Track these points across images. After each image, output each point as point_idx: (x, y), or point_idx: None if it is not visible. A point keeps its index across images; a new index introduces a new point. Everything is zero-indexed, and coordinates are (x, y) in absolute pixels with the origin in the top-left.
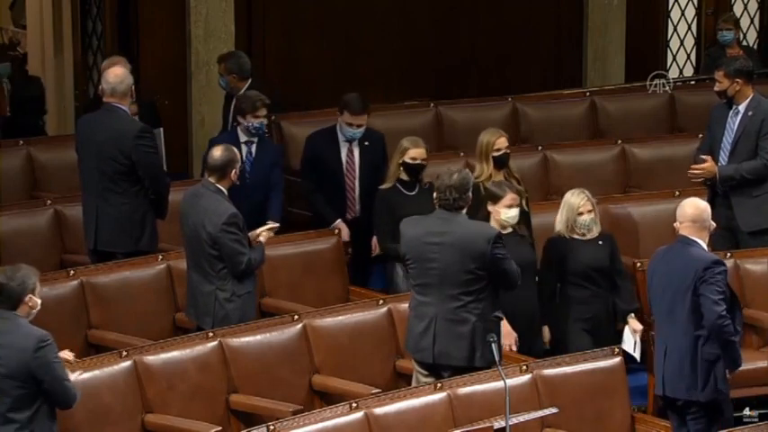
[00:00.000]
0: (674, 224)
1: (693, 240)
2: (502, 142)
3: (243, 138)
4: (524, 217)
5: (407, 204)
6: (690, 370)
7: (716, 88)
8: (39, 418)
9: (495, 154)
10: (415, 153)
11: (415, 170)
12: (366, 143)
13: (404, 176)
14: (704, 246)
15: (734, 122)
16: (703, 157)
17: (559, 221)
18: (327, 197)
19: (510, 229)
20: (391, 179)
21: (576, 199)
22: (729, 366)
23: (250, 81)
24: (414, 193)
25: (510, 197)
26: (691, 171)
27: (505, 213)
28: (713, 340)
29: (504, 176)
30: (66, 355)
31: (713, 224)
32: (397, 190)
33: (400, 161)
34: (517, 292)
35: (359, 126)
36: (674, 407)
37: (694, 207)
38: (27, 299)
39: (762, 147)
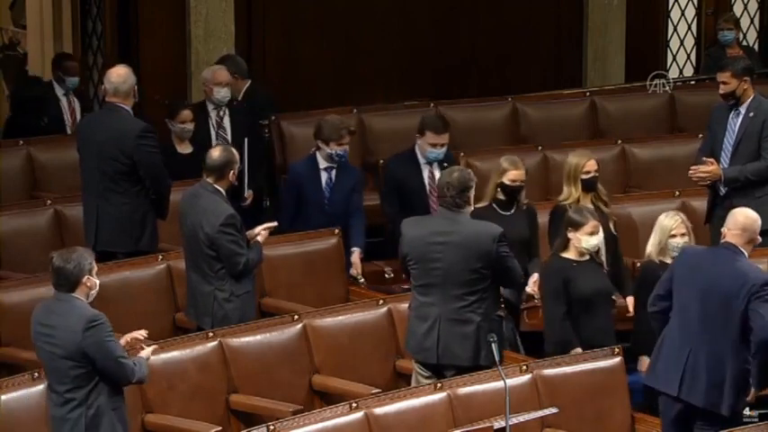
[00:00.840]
0: (722, 229)
1: (739, 250)
2: (591, 165)
3: (323, 164)
4: (612, 240)
5: (502, 225)
6: (719, 381)
7: (722, 90)
8: (96, 395)
9: (585, 177)
10: (515, 174)
11: (513, 191)
12: (444, 164)
13: (500, 196)
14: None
15: (735, 124)
16: (707, 159)
17: (651, 244)
18: None
19: (587, 257)
20: (487, 198)
21: (669, 221)
22: (759, 384)
23: (250, 81)
24: (510, 213)
25: (591, 224)
26: (695, 173)
27: (586, 241)
28: (753, 356)
29: (591, 200)
30: (140, 333)
31: (760, 239)
32: (492, 210)
33: (498, 181)
34: (595, 323)
35: (442, 146)
36: (685, 411)
37: (746, 216)
38: (85, 279)
39: (764, 148)
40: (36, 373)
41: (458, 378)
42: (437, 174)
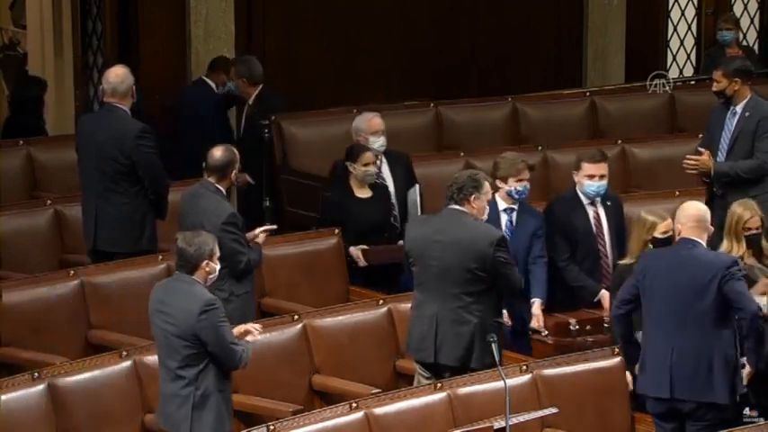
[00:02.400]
0: (675, 225)
1: (698, 242)
2: (755, 222)
3: (502, 205)
4: None
5: None
6: (707, 372)
7: (714, 88)
8: (206, 376)
9: (748, 233)
10: (665, 226)
11: (665, 244)
12: (608, 203)
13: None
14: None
15: (731, 123)
16: (701, 149)
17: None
18: (582, 267)
19: None
20: (633, 256)
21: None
22: (757, 361)
23: (261, 87)
24: None
25: (763, 284)
26: (686, 161)
27: (758, 300)
28: (733, 341)
29: (755, 257)
30: (254, 327)
31: (712, 228)
32: None
33: (647, 238)
34: None
35: (601, 177)
36: (675, 409)
37: (696, 208)
38: (204, 264)
39: (758, 147)
40: (36, 373)
41: (458, 378)
42: (602, 214)
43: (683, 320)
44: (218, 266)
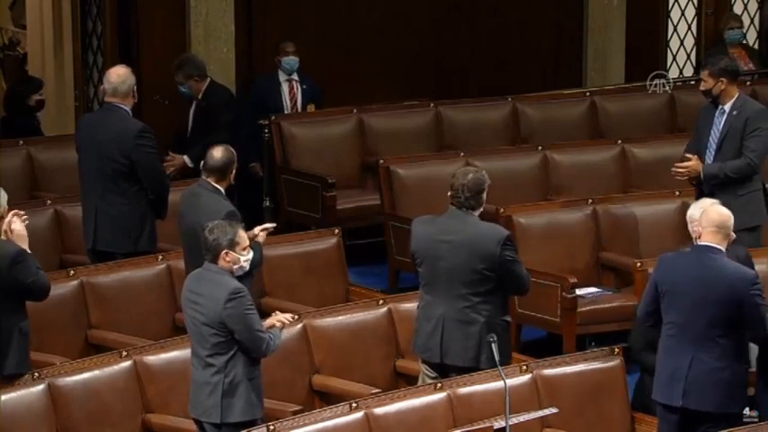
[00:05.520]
0: (695, 228)
1: (719, 249)
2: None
3: None
4: None
5: None
6: (724, 383)
7: (701, 87)
8: (235, 364)
9: None
10: None
11: None
12: None
13: None
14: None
15: (720, 122)
16: (688, 155)
17: None
18: None
19: None
20: None
21: None
22: None
23: (209, 81)
24: None
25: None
26: (675, 169)
27: None
28: (745, 354)
29: None
30: (286, 317)
31: (734, 236)
32: None
33: None
34: None
35: None
36: (687, 418)
37: (719, 213)
38: (223, 254)
39: (746, 146)
40: (36, 373)
41: (458, 378)
42: None
43: (702, 331)
44: (242, 257)
